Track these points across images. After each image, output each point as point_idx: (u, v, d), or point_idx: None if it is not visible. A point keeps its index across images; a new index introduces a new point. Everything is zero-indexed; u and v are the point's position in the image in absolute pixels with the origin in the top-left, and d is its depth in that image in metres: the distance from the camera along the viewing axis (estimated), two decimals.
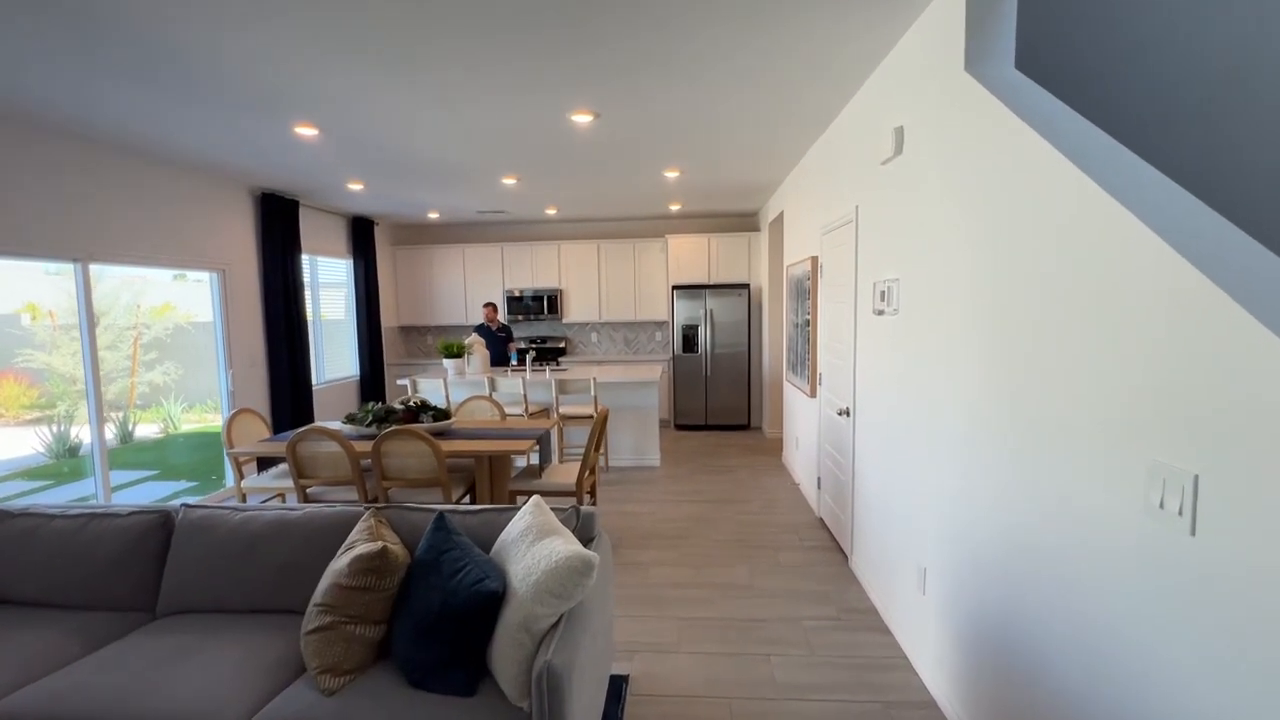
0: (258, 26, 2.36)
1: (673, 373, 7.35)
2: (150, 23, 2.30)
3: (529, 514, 2.02)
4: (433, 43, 2.53)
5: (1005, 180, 1.78)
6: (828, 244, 3.93)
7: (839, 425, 3.70)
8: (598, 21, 2.38)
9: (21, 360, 9.98)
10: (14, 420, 9.72)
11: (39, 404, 10.28)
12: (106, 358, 9.62)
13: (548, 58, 2.71)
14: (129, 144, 3.92)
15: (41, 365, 10.01)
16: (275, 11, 2.24)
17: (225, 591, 2.21)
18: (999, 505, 1.85)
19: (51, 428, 7.92)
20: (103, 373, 9.54)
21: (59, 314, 10.52)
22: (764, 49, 2.66)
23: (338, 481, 3.44)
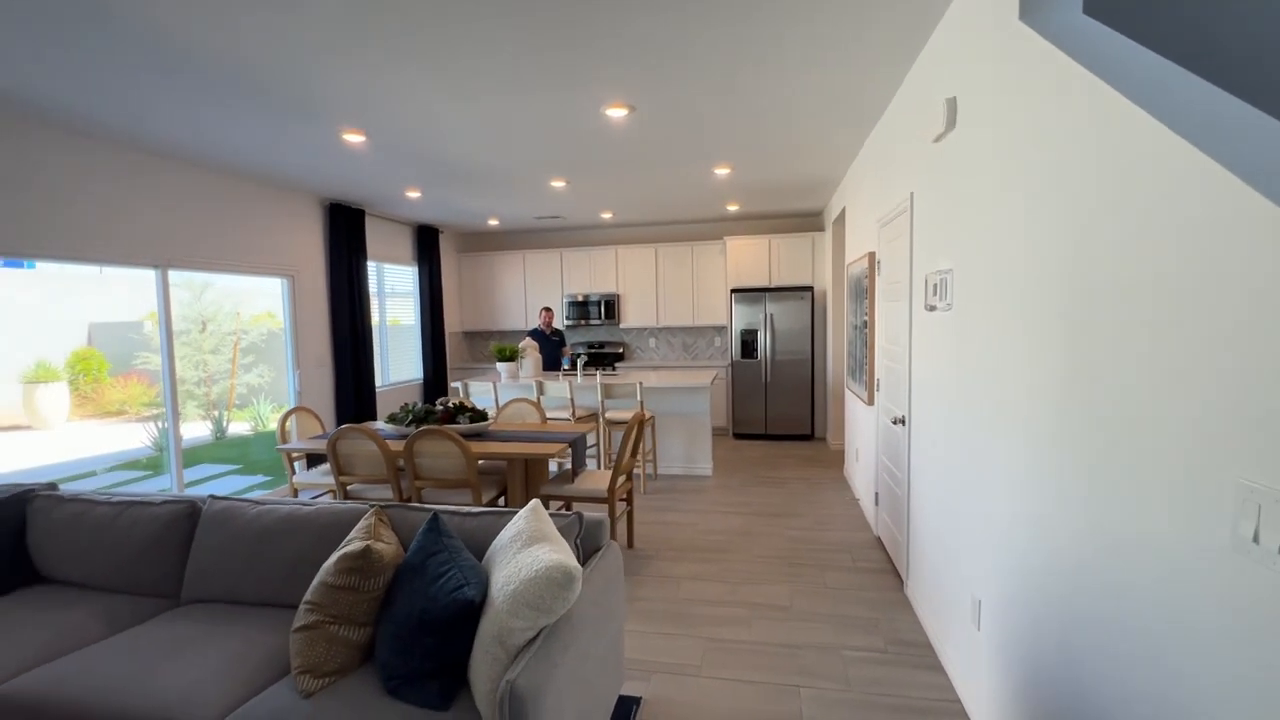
0: (300, 35, 2.41)
1: (731, 379, 7.09)
2: (221, 48, 2.40)
3: (523, 519, 1.90)
4: (463, 35, 2.50)
5: (1074, 152, 1.49)
6: (884, 237, 3.61)
7: (895, 435, 3.36)
8: (629, 10, 2.26)
9: (140, 363, 11.06)
10: (135, 416, 10.78)
11: (156, 402, 11.33)
12: (210, 361, 10.49)
13: (579, 46, 2.62)
14: (203, 158, 4.20)
15: (156, 367, 11.04)
16: (317, 19, 2.27)
17: (239, 583, 2.24)
18: (1062, 533, 1.54)
19: (156, 423, 8.69)
20: (207, 374, 10.38)
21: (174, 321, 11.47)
22: (805, 30, 2.44)
23: (375, 480, 3.49)
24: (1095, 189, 1.37)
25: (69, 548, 2.41)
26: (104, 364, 11.17)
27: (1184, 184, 1.07)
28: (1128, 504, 1.25)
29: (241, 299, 6.72)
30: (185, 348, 11.28)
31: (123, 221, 3.90)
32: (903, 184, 3.13)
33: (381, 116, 3.44)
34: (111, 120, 3.39)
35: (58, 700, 1.70)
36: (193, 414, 10.32)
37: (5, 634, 2.01)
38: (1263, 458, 0.90)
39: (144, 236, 4.03)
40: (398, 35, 2.47)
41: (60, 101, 3.10)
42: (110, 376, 11.23)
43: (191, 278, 7.49)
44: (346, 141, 3.85)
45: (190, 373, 10.50)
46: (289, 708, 1.61)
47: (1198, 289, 1.04)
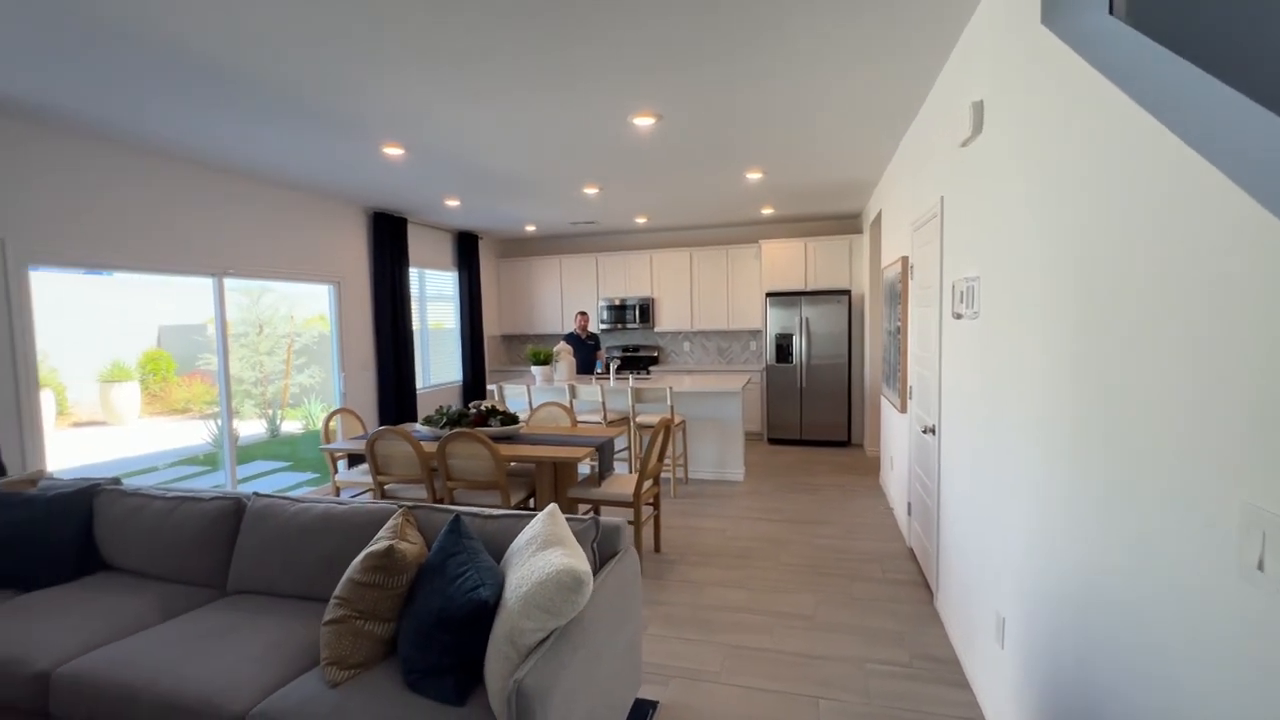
0: (341, 58, 2.54)
1: (765, 384, 7.03)
2: (272, 74, 2.56)
3: (540, 523, 1.96)
4: (489, 50, 2.59)
5: (1092, 158, 1.45)
6: (917, 241, 3.53)
7: (926, 444, 3.29)
8: (653, 20, 2.30)
9: (202, 363, 11.70)
10: (199, 414, 11.40)
11: (216, 400, 11.91)
12: (266, 362, 11.00)
13: (606, 58, 2.67)
14: (255, 172, 4.44)
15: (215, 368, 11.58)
16: (357, 44, 2.40)
17: (279, 576, 2.37)
18: (1075, 550, 1.50)
19: (215, 421, 9.18)
20: (263, 374, 10.87)
21: (232, 324, 12.11)
22: (833, 35, 2.43)
23: (410, 480, 3.62)
24: (1110, 200, 1.33)
25: (129, 539, 2.60)
26: (171, 364, 11.87)
27: (1202, 199, 1.04)
28: (1142, 521, 1.21)
29: (296, 303, 7.05)
30: (243, 349, 11.87)
31: (183, 233, 4.16)
32: (933, 188, 3.07)
33: (418, 131, 3.57)
34: (174, 141, 3.63)
35: (111, 681, 1.85)
36: (250, 413, 10.86)
37: (72, 617, 2.19)
38: (1269, 479, 0.87)
39: (202, 247, 4.29)
40: (429, 54, 2.58)
41: (132, 127, 3.34)
42: (177, 376, 11.94)
43: (249, 284, 7.92)
44: (387, 155, 4.01)
45: (247, 373, 11.06)
46: (316, 696, 1.71)
47: (1211, 311, 1.00)
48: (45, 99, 2.97)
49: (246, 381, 11.35)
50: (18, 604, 2.29)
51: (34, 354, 3.40)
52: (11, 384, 3.28)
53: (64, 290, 9.99)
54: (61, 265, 3.51)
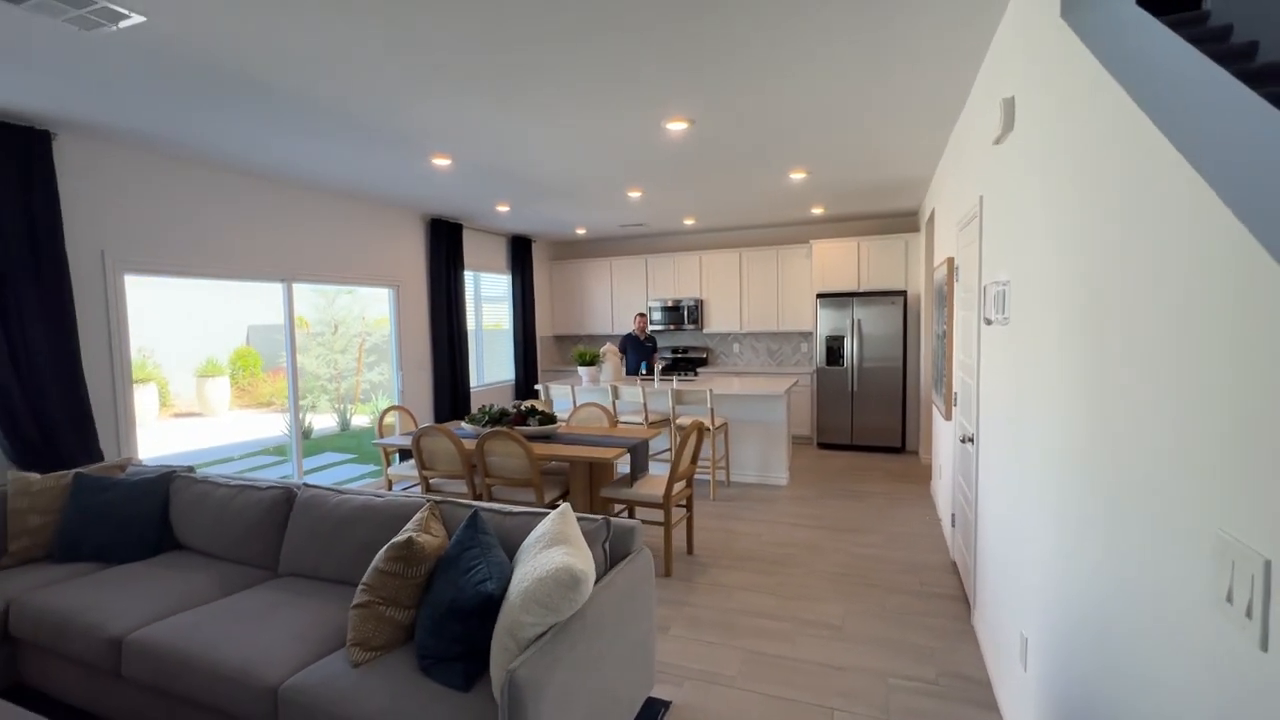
0: (387, 77, 2.72)
1: (816, 387, 6.89)
2: (324, 95, 2.78)
3: (551, 521, 2.03)
4: (526, 65, 2.69)
5: (1113, 161, 1.37)
6: (961, 241, 3.39)
7: (966, 454, 3.15)
8: (682, 23, 2.33)
9: (282, 361, 12.49)
10: (280, 408, 12.19)
11: (299, 394, 12.73)
12: (340, 360, 11.69)
13: (638, 67, 2.72)
14: (319, 184, 4.77)
15: (297, 365, 12.43)
16: (401, 66, 2.57)
17: (322, 561, 2.56)
18: (1088, 573, 1.43)
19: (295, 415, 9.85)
20: (337, 371, 11.56)
21: (310, 324, 12.95)
22: (866, 33, 2.38)
23: (453, 475, 3.80)
24: (1107, 205, 1.26)
25: (197, 522, 2.87)
26: (258, 361, 12.83)
27: (1170, 204, 0.98)
28: (1133, 551, 1.15)
29: (367, 304, 7.51)
30: (319, 348, 12.66)
31: (256, 242, 4.52)
32: (973, 187, 2.94)
33: (462, 143, 3.74)
34: (244, 158, 3.97)
35: (171, 648, 2.06)
36: (325, 407, 11.62)
37: (144, 590, 2.45)
38: (1240, 507, 0.82)
39: (273, 255, 4.65)
40: (471, 73, 2.70)
41: (208, 148, 3.67)
42: (263, 372, 12.89)
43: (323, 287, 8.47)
44: (435, 165, 4.22)
45: (323, 370, 11.84)
46: (339, 675, 1.85)
47: (1184, 336, 0.95)
48: (137, 125, 3.32)
49: (322, 378, 12.14)
50: (102, 577, 2.58)
51: (129, 352, 3.79)
52: (110, 380, 3.67)
53: (166, 294, 10.93)
54: (151, 272, 3.89)
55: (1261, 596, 0.77)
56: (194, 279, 4.21)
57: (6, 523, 2.80)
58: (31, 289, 3.22)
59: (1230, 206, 0.84)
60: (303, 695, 1.80)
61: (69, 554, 2.78)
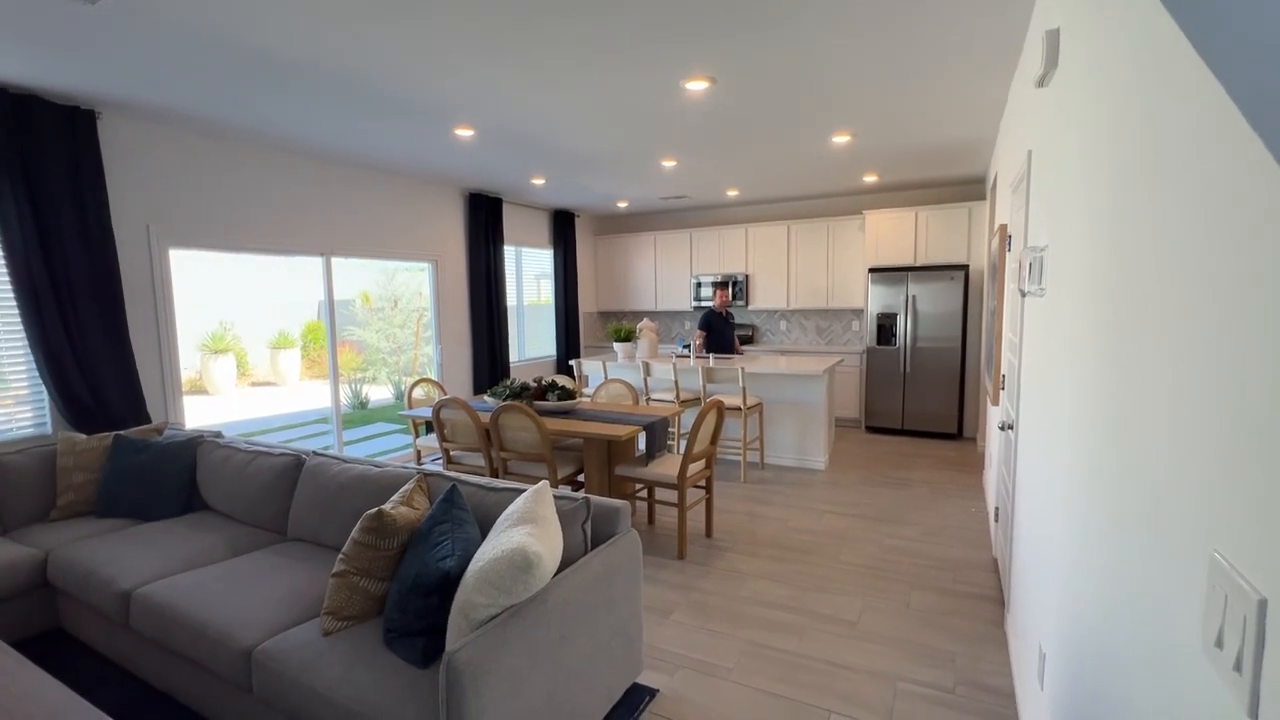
0: (403, 45, 2.67)
1: (865, 367, 6.52)
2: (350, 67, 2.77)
3: (524, 500, 1.96)
4: (539, 32, 2.57)
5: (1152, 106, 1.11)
6: (1015, 205, 3.02)
7: (1006, 442, 2.85)
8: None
9: (345, 334, 13.11)
10: (347, 379, 12.79)
11: (362, 366, 13.36)
12: (399, 334, 12.07)
13: (650, 25, 2.54)
14: (354, 158, 4.84)
15: (359, 339, 12.97)
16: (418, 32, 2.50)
17: (321, 528, 2.60)
18: (1095, 586, 1.20)
19: (351, 386, 10.31)
20: (396, 345, 11.96)
21: (372, 299, 13.40)
22: None
23: (471, 448, 3.81)
24: (1164, 166, 1.01)
25: (219, 485, 2.99)
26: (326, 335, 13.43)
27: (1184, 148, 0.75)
28: (1130, 566, 0.93)
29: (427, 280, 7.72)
30: (380, 322, 13.13)
31: (296, 218, 4.65)
32: (1024, 141, 2.59)
33: (483, 112, 3.66)
34: (284, 133, 4.05)
35: (169, 605, 2.14)
36: (385, 379, 12.10)
37: (161, 547, 2.57)
38: (1239, 522, 0.61)
39: (312, 230, 4.78)
40: (488, 37, 2.60)
41: (248, 124, 3.77)
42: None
43: (384, 264, 8.73)
44: (459, 136, 4.18)
45: (383, 343, 12.31)
46: (309, 643, 1.85)
47: (1198, 316, 0.72)
48: (176, 104, 3.43)
49: (383, 351, 12.63)
50: (132, 533, 2.73)
51: (174, 323, 3.99)
52: (156, 348, 3.89)
53: (244, 270, 11.53)
54: (195, 246, 4.07)
55: (1254, 646, 0.57)
56: (236, 253, 4.37)
57: (56, 479, 3.01)
58: (82, 262, 3.41)
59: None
60: (272, 660, 1.82)
61: (107, 510, 2.96)
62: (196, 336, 11.27)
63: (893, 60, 3.00)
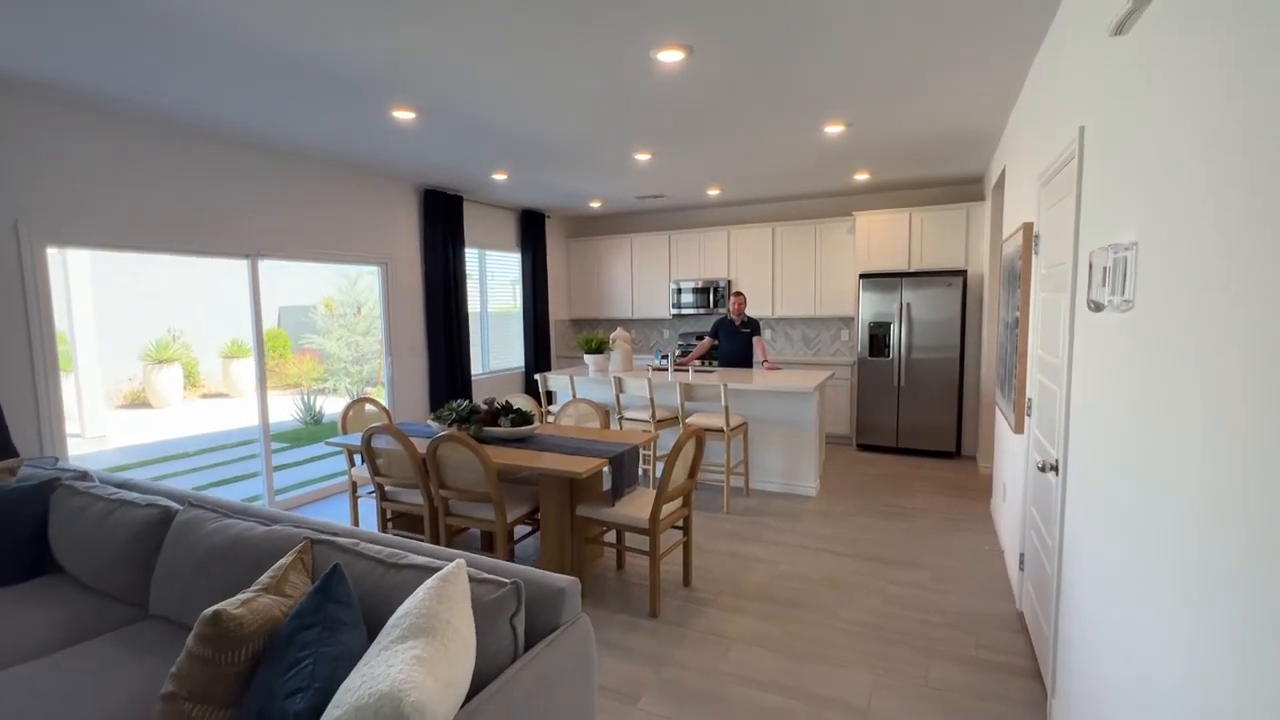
0: (315, 7, 2.11)
1: (856, 380, 6.06)
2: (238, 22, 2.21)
3: (425, 592, 1.40)
4: None
5: None
6: (1046, 200, 2.55)
7: (1045, 485, 2.36)
8: None
9: (304, 342, 12.36)
10: (307, 390, 12.06)
11: (323, 377, 12.66)
12: (361, 342, 11.40)
13: None
14: (277, 146, 4.24)
15: (317, 347, 12.25)
16: None
17: (185, 605, 2.02)
18: (1235, 692, 0.69)
19: (303, 397, 9.61)
20: (360, 354, 11.28)
21: (334, 305, 12.69)
22: None
23: (408, 483, 3.24)
24: None
25: (71, 542, 2.37)
26: (288, 342, 12.73)
27: None
28: None
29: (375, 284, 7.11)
30: (342, 329, 12.41)
31: (213, 214, 4.04)
32: (1070, 115, 2.12)
33: (424, 89, 3.11)
34: (194, 115, 3.45)
35: None
36: (346, 390, 11.37)
37: None
38: None
39: (234, 228, 4.16)
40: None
41: (146, 101, 3.17)
42: (291, 354, 12.77)
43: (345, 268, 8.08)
44: (398, 120, 3.61)
45: (345, 352, 11.61)
46: None
47: None
48: (49, 73, 2.82)
49: (345, 360, 11.91)
50: None
51: (53, 334, 3.36)
52: (27, 367, 3.25)
53: (195, 275, 10.76)
54: (82, 245, 3.44)
55: None
56: (136, 252, 3.75)
57: None
58: None
59: None
60: None
61: None
62: (140, 345, 10.48)
63: (894, 30, 2.52)
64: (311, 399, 9.13)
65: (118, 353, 10.28)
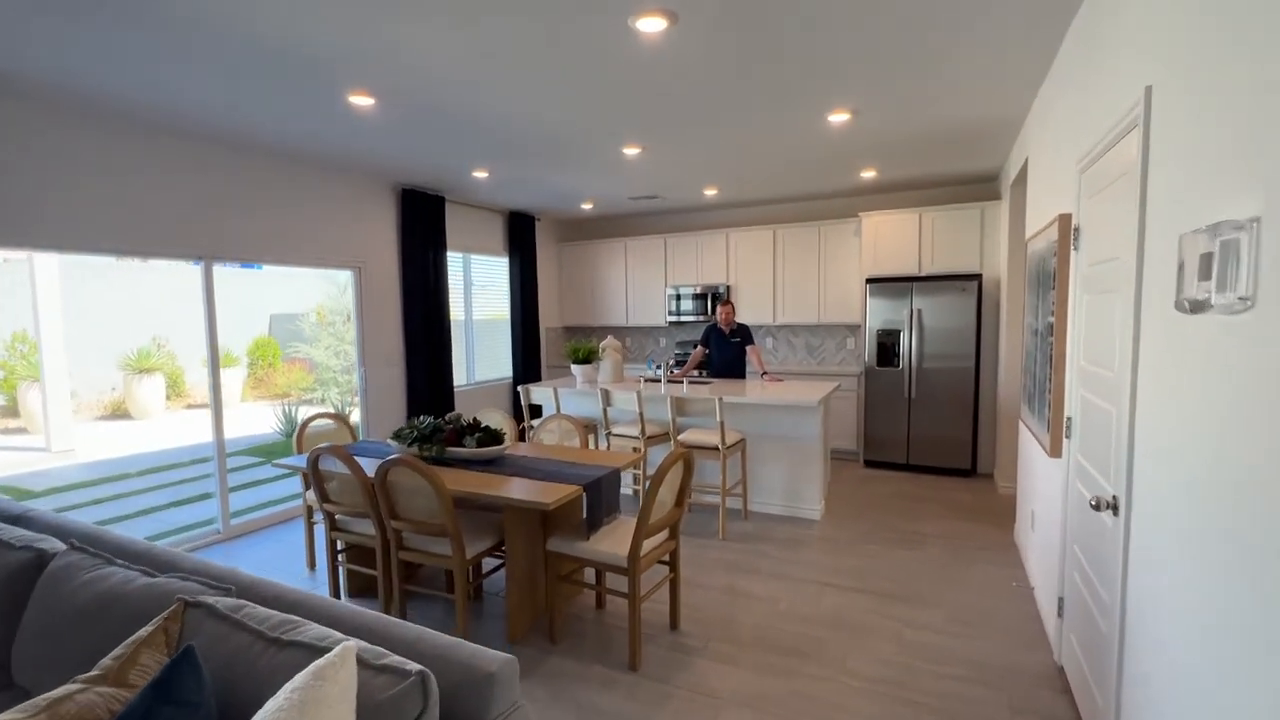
0: None
1: (863, 391, 5.66)
2: None
3: (293, 695, 1.03)
4: None
5: None
6: (1089, 186, 2.18)
7: (1097, 525, 1.97)
8: None
9: (292, 351, 12.00)
10: (296, 400, 11.71)
11: (312, 387, 12.28)
12: (350, 351, 11.02)
13: None
14: (229, 139, 3.91)
15: (305, 356, 11.88)
16: None
17: (43, 675, 1.64)
18: None
19: (283, 407, 9.23)
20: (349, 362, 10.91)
21: (325, 313, 12.33)
22: None
23: (359, 512, 2.86)
24: None
25: None
26: (278, 351, 12.38)
27: None
28: None
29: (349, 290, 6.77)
30: (331, 338, 12.05)
31: (157, 211, 3.70)
32: (1129, 77, 1.75)
33: (383, 71, 2.77)
34: (121, 98, 3.12)
35: None
36: (335, 401, 11.00)
37: None
38: None
39: (184, 228, 3.82)
40: None
41: (65, 81, 2.84)
42: (282, 362, 12.42)
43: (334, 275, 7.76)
44: (357, 107, 3.27)
45: (334, 361, 11.25)
46: None
47: None
48: None
49: (334, 369, 11.54)
50: None
51: None
52: None
53: (183, 281, 10.43)
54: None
55: None
56: (61, 253, 3.41)
57: None
58: None
59: None
60: None
61: None
62: (121, 354, 10.15)
63: (908, 6, 2.16)
64: (293, 410, 8.77)
65: (99, 361, 9.96)
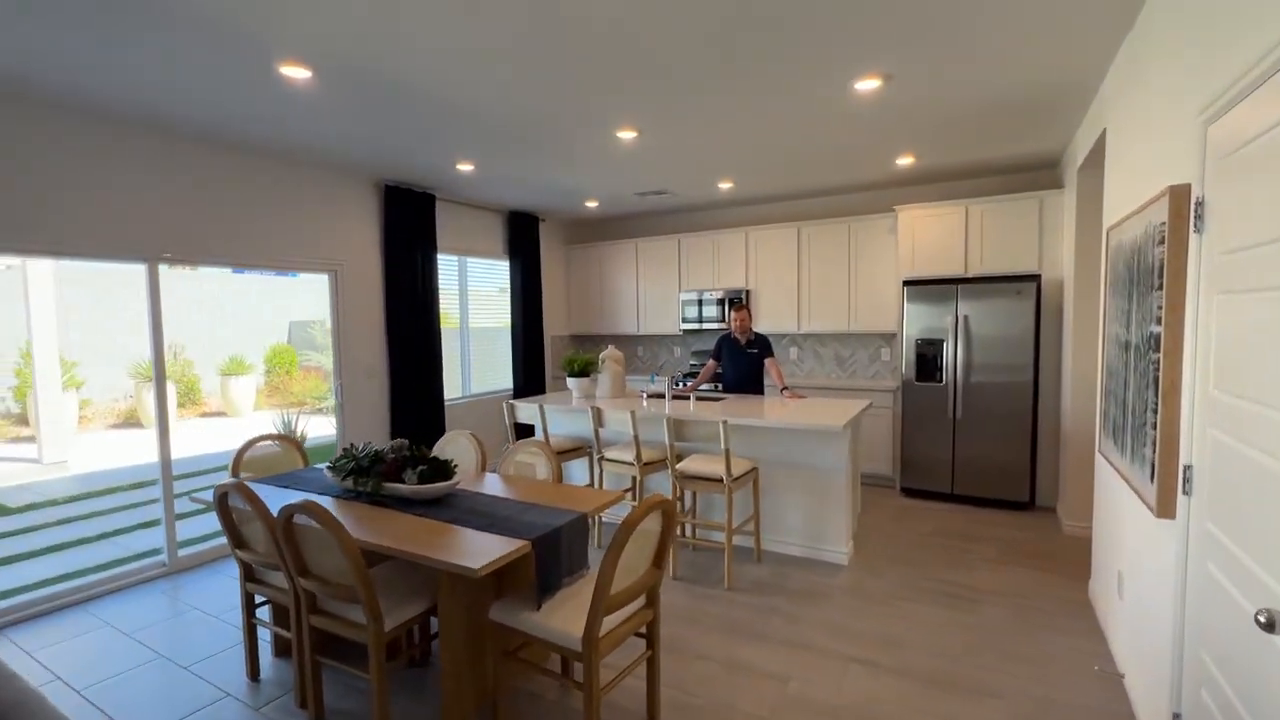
0: None
1: (900, 409, 4.97)
2: None
3: None
4: None
5: None
6: (1222, 143, 1.52)
7: (1254, 644, 1.30)
8: None
9: (304, 359, 11.77)
10: (312, 408, 11.47)
11: (324, 395, 12.03)
12: None
13: None
14: (166, 127, 3.51)
15: (317, 364, 11.65)
16: None
17: None
18: None
19: (282, 416, 8.92)
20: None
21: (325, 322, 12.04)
22: None
23: (272, 564, 2.36)
24: None
25: None
26: (294, 358, 12.21)
27: None
28: None
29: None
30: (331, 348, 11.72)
31: (98, 209, 3.31)
32: None
33: (318, 35, 2.29)
34: (52, 83, 2.73)
35: None
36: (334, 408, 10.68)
37: None
38: None
39: (127, 226, 3.43)
40: None
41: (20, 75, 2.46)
42: (299, 370, 12.23)
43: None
44: (288, 79, 2.80)
45: None
46: None
47: None
48: None
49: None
50: None
51: None
52: None
53: (201, 287, 10.27)
54: None
55: None
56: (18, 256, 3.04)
57: None
58: None
59: None
60: None
61: None
62: (132, 362, 10.07)
63: None
64: (293, 419, 8.47)
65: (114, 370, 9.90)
